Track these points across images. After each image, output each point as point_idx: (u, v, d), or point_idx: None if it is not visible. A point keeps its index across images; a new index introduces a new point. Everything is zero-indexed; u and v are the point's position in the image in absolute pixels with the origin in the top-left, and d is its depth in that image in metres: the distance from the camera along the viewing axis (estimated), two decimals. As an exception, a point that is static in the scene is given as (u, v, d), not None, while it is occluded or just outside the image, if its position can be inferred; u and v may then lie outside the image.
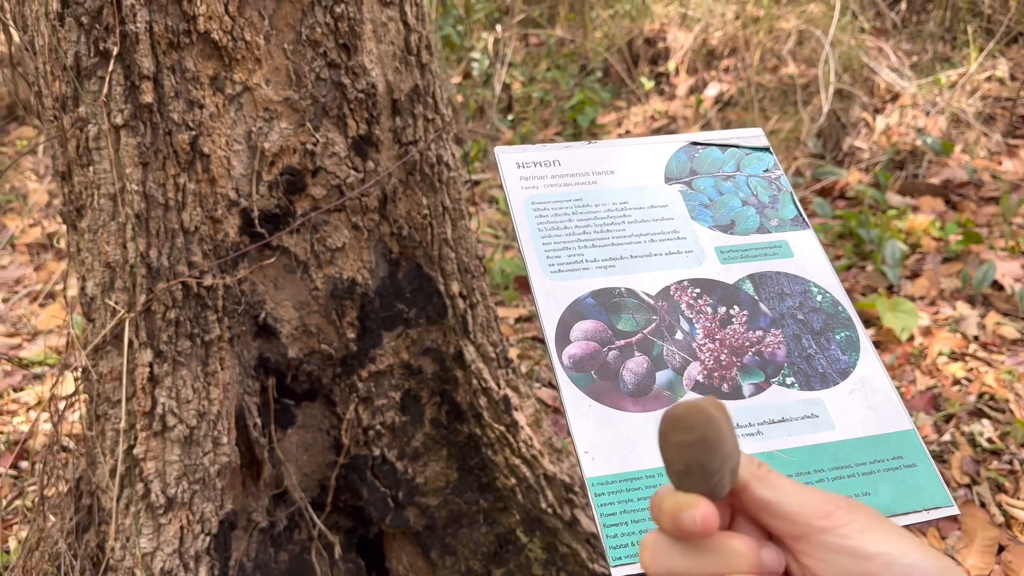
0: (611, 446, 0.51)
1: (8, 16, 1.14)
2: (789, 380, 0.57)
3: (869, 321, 2.20)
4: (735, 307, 0.59)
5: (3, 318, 2.66)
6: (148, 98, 1.02)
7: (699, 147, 0.66)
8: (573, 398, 0.52)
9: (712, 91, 3.36)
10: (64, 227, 2.74)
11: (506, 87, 3.53)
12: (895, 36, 3.33)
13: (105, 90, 1.00)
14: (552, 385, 1.80)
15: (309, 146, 1.15)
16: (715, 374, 0.56)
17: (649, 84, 3.36)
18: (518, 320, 2.14)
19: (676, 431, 0.38)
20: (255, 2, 1.07)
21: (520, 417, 1.37)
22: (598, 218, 0.60)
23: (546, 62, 3.86)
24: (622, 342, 0.56)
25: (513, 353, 1.44)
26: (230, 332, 1.15)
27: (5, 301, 2.73)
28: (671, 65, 3.38)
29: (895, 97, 3.15)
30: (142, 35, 1.00)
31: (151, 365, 1.07)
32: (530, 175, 0.60)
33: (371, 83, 1.17)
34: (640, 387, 0.55)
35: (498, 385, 1.36)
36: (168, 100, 1.04)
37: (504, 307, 2.25)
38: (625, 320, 0.57)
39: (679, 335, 0.57)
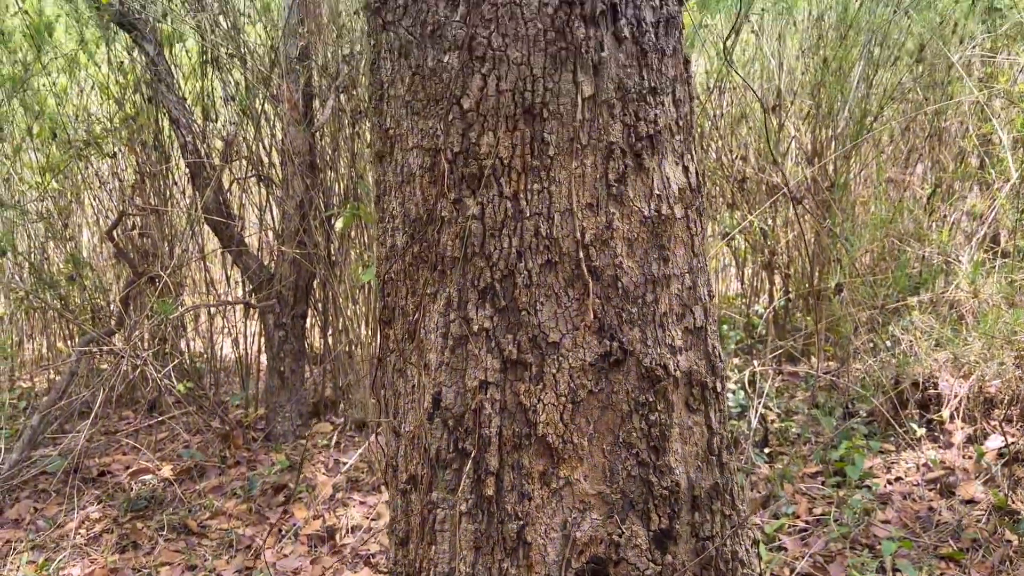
0: None
1: (375, 399, 1.40)
2: None
3: None
4: None
5: (278, 607, 2.88)
6: (490, 491, 1.18)
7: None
8: None
9: (993, 443, 3.13)
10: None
11: (761, 418, 3.53)
12: None
13: (459, 483, 1.18)
14: None
15: (615, 537, 1.24)
16: None
17: (920, 430, 3.21)
18: None
19: None
20: (584, 410, 1.23)
21: None
22: None
23: (803, 394, 3.84)
24: None
25: None
26: None
27: (282, 588, 2.98)
28: (944, 413, 3.22)
29: None
30: (493, 438, 1.19)
31: None
32: None
33: (675, 481, 1.26)
34: None
35: None
36: (505, 492, 1.19)
37: None
38: None
39: None
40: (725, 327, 4.60)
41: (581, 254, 1.20)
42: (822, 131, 3.94)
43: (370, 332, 4.06)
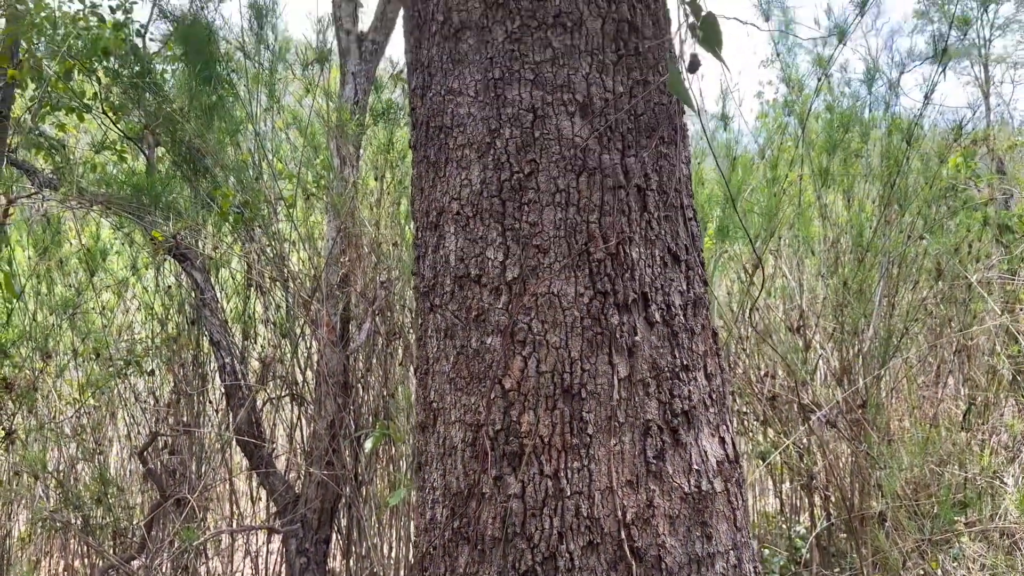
0: None
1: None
2: None
3: None
4: None
5: None
6: None
7: None
8: None
9: None
10: None
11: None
12: None
13: None
14: None
15: None
16: None
17: None
18: None
19: None
20: None
21: None
22: None
23: (854, 631, 3.59)
24: None
25: None
26: None
27: None
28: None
29: None
30: None
31: None
32: None
33: None
34: None
35: None
36: None
37: None
38: None
39: None
40: (766, 551, 4.39)
41: (623, 534, 1.19)
42: (848, 349, 3.97)
43: (393, 554, 3.92)
